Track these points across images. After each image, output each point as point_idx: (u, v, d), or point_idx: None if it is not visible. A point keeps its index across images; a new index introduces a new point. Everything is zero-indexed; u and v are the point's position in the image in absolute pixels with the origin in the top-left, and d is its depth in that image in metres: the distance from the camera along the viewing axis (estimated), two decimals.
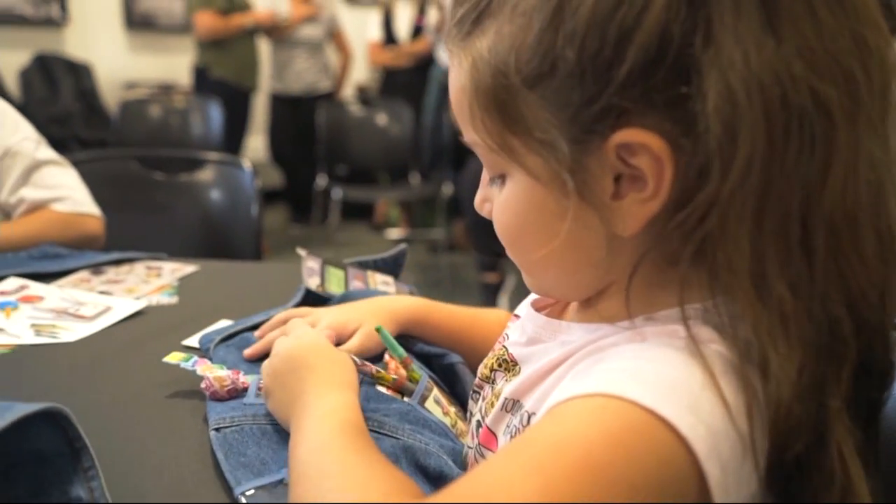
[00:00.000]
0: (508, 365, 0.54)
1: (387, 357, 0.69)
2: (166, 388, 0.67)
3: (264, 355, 0.70)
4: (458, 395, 0.72)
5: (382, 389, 0.65)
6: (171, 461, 0.55)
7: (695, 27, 0.36)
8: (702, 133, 0.37)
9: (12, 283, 0.93)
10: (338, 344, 0.68)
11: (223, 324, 0.83)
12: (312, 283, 0.85)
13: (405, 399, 0.64)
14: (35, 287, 0.92)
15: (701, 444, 0.35)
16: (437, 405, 0.66)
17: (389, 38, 4.22)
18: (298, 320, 0.71)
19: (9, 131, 1.14)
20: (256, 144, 4.48)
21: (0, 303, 0.86)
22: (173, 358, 0.67)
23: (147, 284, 0.96)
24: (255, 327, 0.78)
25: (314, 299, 0.84)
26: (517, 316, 0.60)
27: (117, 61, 4.41)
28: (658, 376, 0.38)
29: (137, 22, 4.50)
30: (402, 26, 4.20)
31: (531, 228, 0.45)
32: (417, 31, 4.15)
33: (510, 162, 0.44)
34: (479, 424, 0.56)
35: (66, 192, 1.15)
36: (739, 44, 0.36)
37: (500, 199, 0.47)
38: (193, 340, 0.78)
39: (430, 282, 3.40)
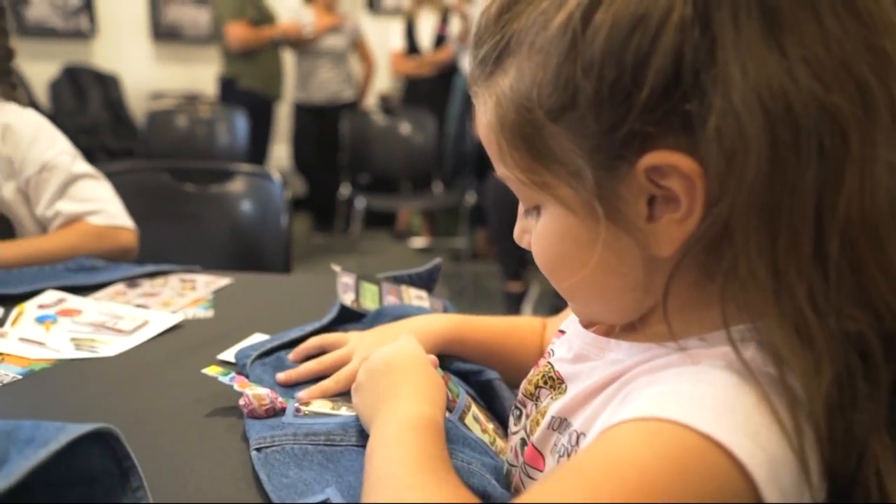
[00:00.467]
0: (554, 382, 0.54)
1: None
2: (205, 403, 0.67)
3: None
4: (497, 412, 0.72)
5: None
6: (213, 480, 0.55)
7: (704, 47, 0.37)
8: (710, 152, 0.37)
9: (51, 296, 0.94)
10: None
11: (257, 338, 0.83)
12: (347, 298, 0.85)
13: (447, 415, 0.64)
14: (73, 300, 0.93)
15: (760, 470, 0.35)
16: (476, 422, 0.66)
17: (412, 47, 4.23)
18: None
19: (46, 145, 1.16)
20: (280, 153, 4.52)
21: (39, 316, 0.87)
22: (212, 370, 0.67)
23: (182, 298, 0.97)
24: (291, 343, 0.78)
25: (348, 314, 0.84)
26: (562, 332, 0.60)
27: (144, 72, 4.48)
28: (714, 400, 0.37)
29: (164, 33, 4.56)
30: (425, 36, 4.21)
31: (567, 256, 0.46)
32: (440, 40, 4.16)
33: (542, 194, 0.45)
34: (523, 442, 0.56)
35: (100, 205, 1.16)
36: (738, 59, 0.36)
37: (537, 231, 0.48)
38: (229, 355, 0.79)
39: (453, 291, 3.40)
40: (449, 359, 0.75)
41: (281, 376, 0.71)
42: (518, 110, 0.43)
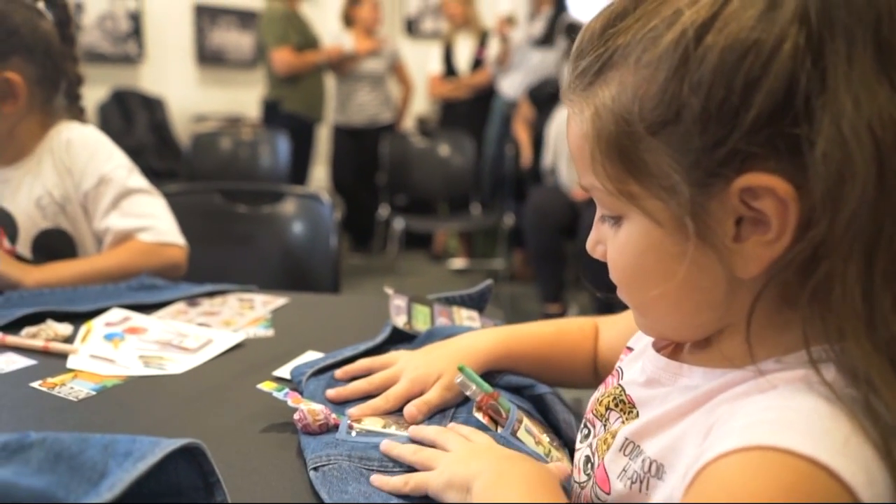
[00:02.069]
0: (625, 406, 0.54)
1: (477, 396, 0.69)
2: (263, 419, 0.68)
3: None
4: (550, 425, 0.72)
5: (479, 416, 0.66)
6: (290, 496, 0.57)
7: (815, 75, 0.38)
8: (815, 177, 0.38)
9: (116, 314, 0.97)
10: (419, 395, 0.69)
11: (311, 355, 0.85)
12: (400, 321, 0.87)
13: (499, 429, 0.65)
14: (138, 318, 0.95)
15: (864, 491, 0.36)
16: (529, 435, 0.66)
17: (449, 70, 4.29)
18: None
19: (104, 159, 1.18)
20: (318, 175, 4.59)
21: (108, 334, 0.90)
22: (267, 386, 0.69)
23: (242, 317, 0.99)
24: (345, 362, 0.79)
25: (400, 335, 0.85)
26: (629, 349, 0.60)
27: (188, 95, 4.59)
28: (806, 424, 0.38)
29: (208, 58, 4.69)
30: (462, 59, 4.26)
31: (649, 270, 0.47)
32: (477, 63, 4.21)
33: (629, 205, 0.46)
34: (588, 460, 0.56)
35: (151, 221, 1.18)
36: (850, 91, 0.37)
37: (617, 241, 0.48)
38: (284, 371, 0.80)
39: (490, 312, 3.39)
40: (499, 373, 0.75)
41: (331, 393, 0.71)
42: (617, 122, 0.44)
